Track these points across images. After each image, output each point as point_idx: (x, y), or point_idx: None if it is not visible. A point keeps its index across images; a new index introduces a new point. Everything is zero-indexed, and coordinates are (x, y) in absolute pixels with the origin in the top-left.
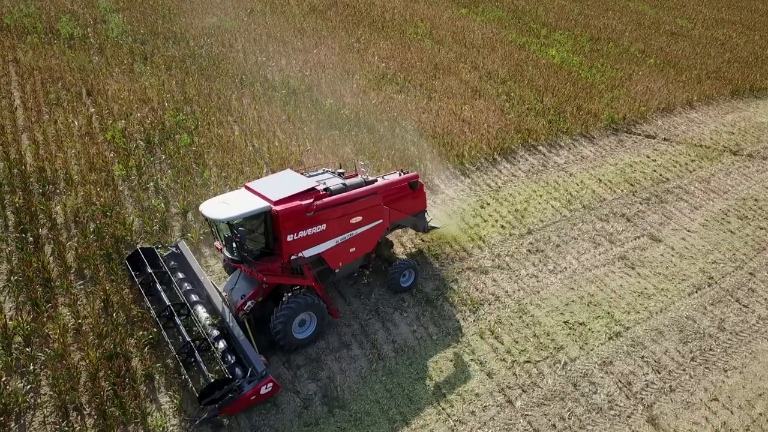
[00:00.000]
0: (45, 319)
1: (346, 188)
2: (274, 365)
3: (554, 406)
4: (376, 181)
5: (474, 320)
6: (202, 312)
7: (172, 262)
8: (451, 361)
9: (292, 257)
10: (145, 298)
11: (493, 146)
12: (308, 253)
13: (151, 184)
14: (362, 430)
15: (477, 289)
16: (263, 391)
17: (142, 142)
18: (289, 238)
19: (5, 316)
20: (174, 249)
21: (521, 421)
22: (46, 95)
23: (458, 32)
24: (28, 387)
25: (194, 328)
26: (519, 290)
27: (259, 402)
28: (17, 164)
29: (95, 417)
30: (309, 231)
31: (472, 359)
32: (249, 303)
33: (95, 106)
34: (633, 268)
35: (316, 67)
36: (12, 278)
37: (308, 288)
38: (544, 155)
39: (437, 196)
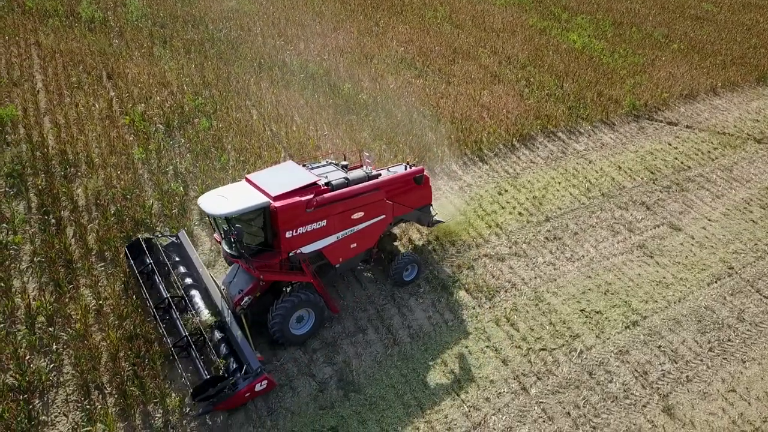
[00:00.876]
0: (67, 300)
1: (348, 183)
2: (289, 349)
3: (569, 394)
4: (380, 174)
5: (490, 307)
6: (200, 305)
7: (173, 253)
8: (466, 347)
9: (291, 253)
10: (143, 289)
11: (511, 132)
12: (308, 249)
13: (170, 167)
14: (377, 414)
15: (493, 276)
16: (258, 388)
17: (161, 126)
18: (288, 234)
19: (29, 296)
20: (174, 239)
21: (536, 408)
22: (68, 78)
23: (478, 16)
24: (51, 366)
25: (191, 322)
26: (536, 278)
27: (253, 399)
28: (40, 147)
29: (116, 396)
30: (309, 227)
31: (487, 346)
32: (246, 298)
33: (115, 89)
34: (652, 257)
35: (334, 51)
36: (35, 259)
37: (307, 284)
38: (564, 142)
39: (455, 182)
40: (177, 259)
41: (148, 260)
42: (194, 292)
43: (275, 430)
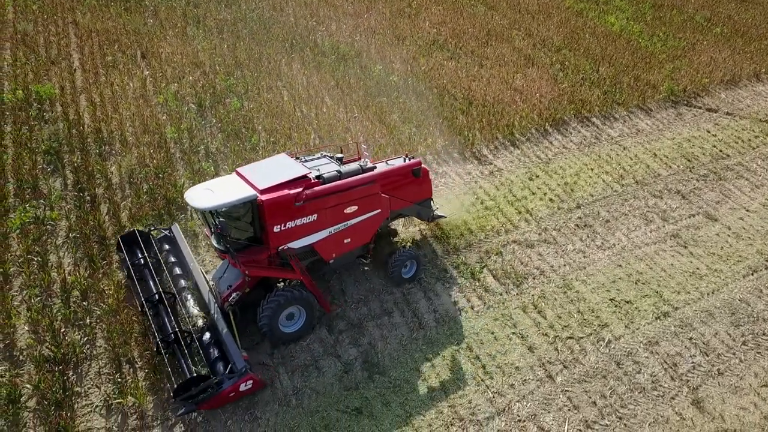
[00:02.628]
0: (100, 276)
1: (340, 176)
2: (315, 329)
3: (596, 383)
4: (375, 167)
5: (517, 294)
6: (189, 301)
7: (165, 246)
8: (492, 333)
9: (280, 248)
10: (135, 282)
11: (544, 117)
12: (298, 244)
13: (202, 147)
14: (401, 396)
15: (522, 263)
16: (242, 388)
17: (193, 106)
18: (276, 228)
19: (64, 271)
20: (167, 232)
21: (561, 396)
22: (103, 57)
23: None
24: (85, 339)
25: (178, 318)
26: (565, 265)
27: (238, 399)
28: (76, 125)
29: (146, 371)
30: (298, 222)
31: (513, 333)
32: (234, 294)
33: (149, 68)
34: (685, 247)
35: (366, 32)
36: (70, 235)
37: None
38: (598, 127)
39: (485, 167)
40: (169, 253)
41: (140, 253)
42: (184, 288)
43: (300, 409)
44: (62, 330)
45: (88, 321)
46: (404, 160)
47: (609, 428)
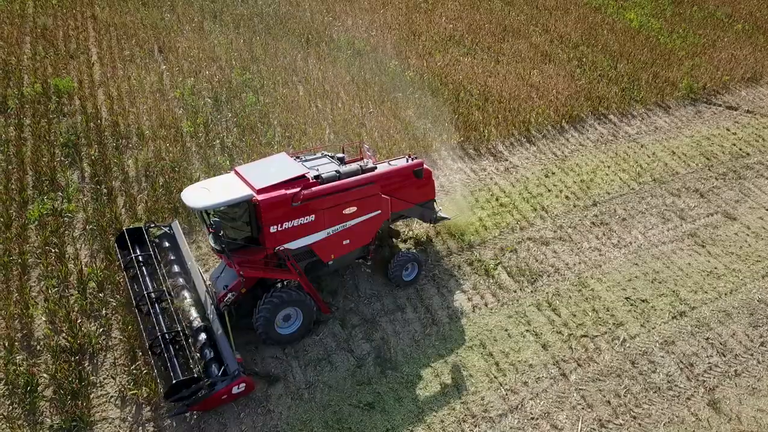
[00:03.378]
0: (116, 267)
1: (339, 176)
2: (329, 324)
3: (610, 382)
4: (376, 168)
5: (531, 291)
6: (185, 300)
7: (164, 244)
8: (505, 330)
9: (277, 249)
10: (128, 281)
11: (561, 113)
12: (295, 245)
13: (217, 141)
14: (413, 392)
15: (536, 260)
16: (235, 390)
17: (209, 100)
18: (273, 229)
19: (81, 262)
20: (167, 229)
21: (575, 395)
22: (121, 51)
23: None
24: (101, 330)
25: (173, 319)
26: (580, 263)
27: (231, 401)
28: (93, 118)
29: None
30: (295, 222)
31: (527, 330)
32: (230, 295)
33: (166, 63)
34: (703, 246)
35: (382, 27)
36: (87, 227)
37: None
38: (615, 125)
39: (500, 163)
40: (168, 250)
41: (138, 250)
42: (181, 287)
43: (312, 403)
44: (78, 321)
45: (104, 312)
46: (407, 161)
47: (623, 428)
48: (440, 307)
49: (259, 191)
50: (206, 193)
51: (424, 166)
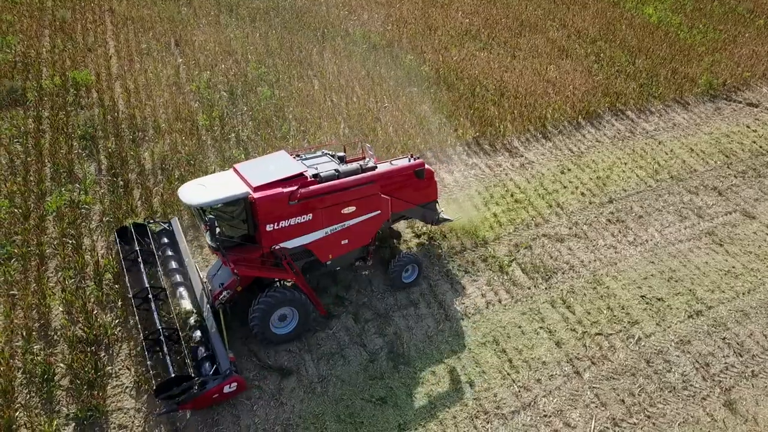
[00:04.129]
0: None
1: (338, 175)
2: (342, 318)
3: (624, 381)
4: (376, 167)
5: (546, 288)
6: (182, 297)
7: (163, 240)
8: (519, 327)
9: (274, 248)
10: (125, 277)
11: (577, 109)
12: (292, 244)
13: (233, 135)
14: (426, 388)
15: (551, 257)
16: (226, 390)
17: (225, 93)
18: (269, 227)
19: (97, 254)
20: (166, 226)
21: (588, 393)
22: (138, 45)
23: None
24: (116, 321)
25: (168, 316)
26: (595, 260)
27: (222, 400)
28: (110, 111)
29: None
30: (292, 221)
31: (541, 327)
32: (225, 293)
33: (182, 56)
34: (721, 245)
35: (397, 21)
36: (104, 219)
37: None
38: (633, 121)
39: (516, 159)
40: (166, 247)
41: (136, 246)
42: (177, 284)
43: (325, 397)
44: (94, 312)
45: (119, 303)
46: (409, 161)
47: (637, 427)
48: (454, 303)
49: (256, 189)
50: (202, 189)
51: (426, 166)
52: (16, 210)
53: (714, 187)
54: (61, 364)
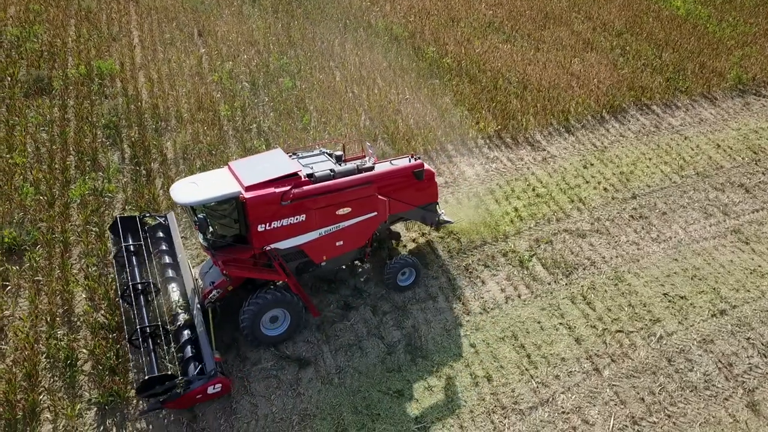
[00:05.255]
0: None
1: (333, 175)
2: (360, 309)
3: (645, 379)
4: (373, 168)
5: (566, 284)
6: (172, 294)
7: (157, 235)
8: (538, 323)
9: (266, 249)
10: (116, 270)
11: (602, 103)
12: (284, 244)
13: (254, 125)
14: (443, 382)
15: (572, 253)
16: (210, 391)
17: (247, 84)
18: (260, 227)
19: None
20: (162, 220)
21: (607, 390)
22: (162, 35)
23: None
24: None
25: (156, 312)
26: (617, 257)
27: (206, 401)
28: (134, 100)
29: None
30: (285, 221)
31: (560, 323)
32: (214, 292)
33: (205, 46)
34: (747, 243)
35: (420, 13)
36: (126, 207)
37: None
38: (658, 116)
39: (538, 153)
40: (160, 242)
41: (130, 240)
42: (169, 280)
43: (342, 388)
44: (116, 299)
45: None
46: (409, 161)
47: (657, 426)
48: (472, 297)
49: (248, 188)
50: (194, 188)
51: (427, 167)
52: (41, 197)
53: (741, 184)
54: (84, 350)
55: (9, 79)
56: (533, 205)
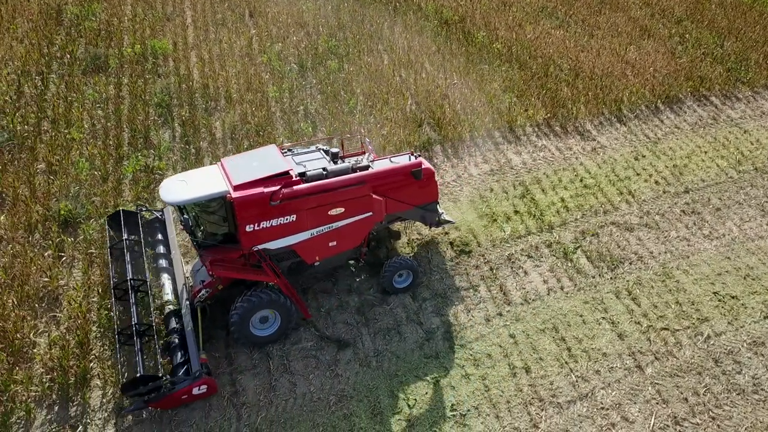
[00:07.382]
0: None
1: (326, 175)
2: (400, 294)
3: (689, 379)
4: (369, 166)
5: (611, 278)
6: (164, 292)
7: (153, 230)
8: (580, 316)
9: (255, 249)
10: (110, 266)
11: (657, 93)
12: (275, 245)
13: (301, 107)
14: (481, 371)
15: (619, 246)
16: (195, 392)
17: (295, 66)
18: (249, 227)
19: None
20: (159, 214)
21: (650, 388)
22: (214, 15)
23: None
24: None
25: (147, 309)
26: (666, 252)
27: (191, 401)
28: (185, 80)
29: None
30: (274, 221)
31: (603, 318)
32: (203, 291)
33: (256, 27)
34: None
35: None
36: None
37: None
38: (717, 107)
39: (587, 142)
40: (155, 237)
41: (124, 235)
42: (161, 276)
43: (380, 371)
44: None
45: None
46: (409, 159)
47: (700, 427)
48: (514, 288)
49: (236, 188)
50: (182, 186)
51: (426, 165)
52: (95, 172)
53: None
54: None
55: (68, 56)
56: (580, 196)
